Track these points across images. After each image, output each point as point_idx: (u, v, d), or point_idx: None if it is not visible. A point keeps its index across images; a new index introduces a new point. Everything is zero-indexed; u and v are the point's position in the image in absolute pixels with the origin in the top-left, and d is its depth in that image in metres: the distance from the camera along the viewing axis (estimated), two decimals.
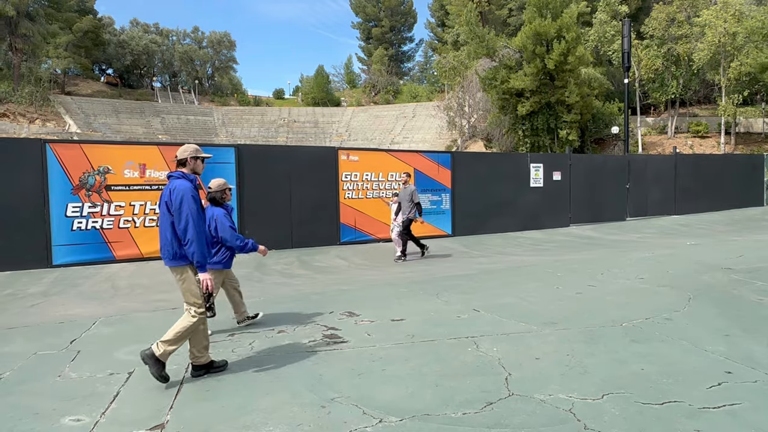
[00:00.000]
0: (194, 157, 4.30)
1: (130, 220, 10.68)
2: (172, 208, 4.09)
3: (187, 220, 4.05)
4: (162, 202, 4.21)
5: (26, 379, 4.34)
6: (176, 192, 4.09)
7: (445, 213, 14.50)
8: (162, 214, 4.21)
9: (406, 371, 4.42)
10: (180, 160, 4.28)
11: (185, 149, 4.32)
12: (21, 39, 43.39)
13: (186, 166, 4.29)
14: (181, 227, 4.06)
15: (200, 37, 63.87)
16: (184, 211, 4.06)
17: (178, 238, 4.11)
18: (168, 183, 4.23)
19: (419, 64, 72.02)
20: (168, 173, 4.31)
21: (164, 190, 4.21)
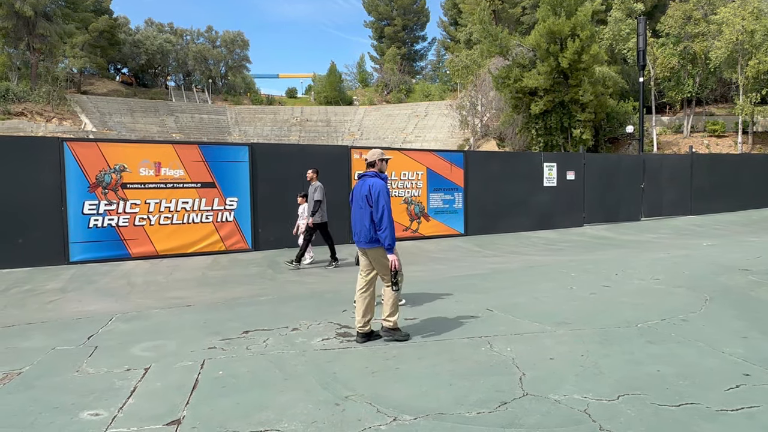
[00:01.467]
0: (381, 159, 5.28)
1: (145, 217, 10.79)
2: (371, 200, 4.97)
3: (382, 211, 4.93)
4: (360, 196, 5.11)
5: (45, 374, 4.41)
6: (374, 188, 4.98)
7: (458, 212, 14.46)
8: (358, 207, 5.13)
9: (420, 370, 4.42)
10: (370, 162, 5.28)
11: (373, 153, 5.30)
12: (38, 39, 43.99)
13: (375, 167, 5.25)
14: (378, 216, 4.94)
15: (214, 36, 64.31)
16: (380, 203, 4.94)
17: (374, 224, 4.95)
18: (361, 180, 5.20)
19: (431, 62, 71.95)
20: (360, 173, 5.43)
21: (360, 187, 5.15)
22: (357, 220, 5.16)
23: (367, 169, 5.29)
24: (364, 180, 5.18)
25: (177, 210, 11.04)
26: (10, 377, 4.36)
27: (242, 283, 8.57)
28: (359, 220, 5.12)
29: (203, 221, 11.34)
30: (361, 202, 5.09)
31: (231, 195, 11.60)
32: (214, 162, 11.44)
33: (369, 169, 5.28)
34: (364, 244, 5.10)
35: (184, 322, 6.10)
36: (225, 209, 11.55)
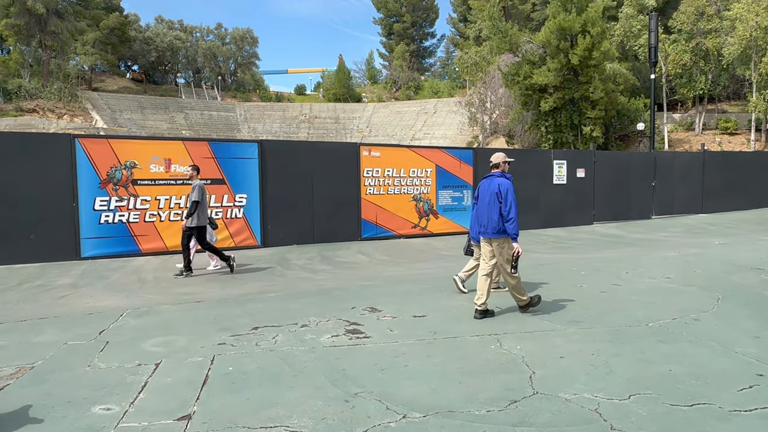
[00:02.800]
0: (504, 161, 6.11)
1: (155, 214, 10.85)
2: (500, 197, 5.79)
3: (510, 206, 5.76)
4: (487, 193, 5.97)
5: (58, 369, 4.45)
6: (503, 186, 5.83)
7: (467, 209, 14.41)
8: (485, 203, 5.96)
9: (429, 367, 4.42)
10: (494, 164, 6.11)
11: (498, 156, 6.13)
12: (50, 36, 44.32)
13: (499, 168, 6.08)
14: (506, 210, 5.76)
15: (223, 33, 64.44)
16: (509, 199, 5.77)
17: (502, 217, 5.76)
18: (488, 180, 6.06)
19: (441, 59, 71.59)
20: (487, 174, 6.16)
21: (488, 185, 6.02)
22: (484, 214, 6.00)
23: (492, 170, 6.14)
24: (491, 179, 6.03)
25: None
26: (23, 371, 4.40)
27: (251, 280, 8.60)
28: (486, 214, 5.95)
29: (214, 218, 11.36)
30: (489, 198, 5.94)
31: (240, 192, 11.63)
32: (224, 159, 11.48)
33: (494, 170, 6.12)
34: (490, 234, 5.93)
35: (194, 317, 6.13)
36: (234, 206, 11.59)
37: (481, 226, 6.07)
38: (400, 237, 13.43)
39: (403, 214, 13.54)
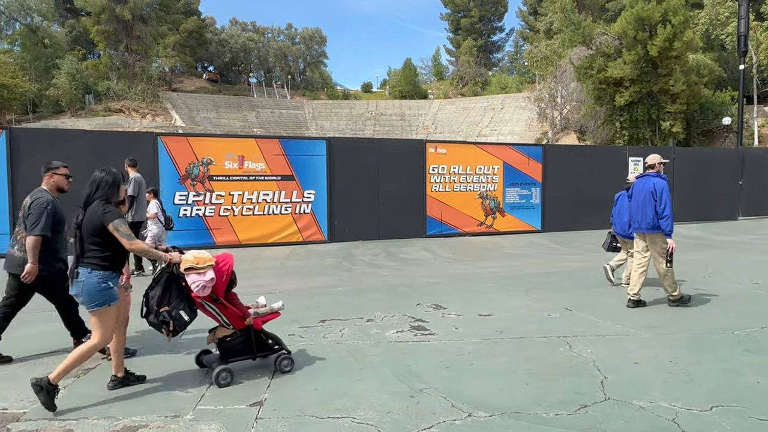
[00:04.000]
0: (660, 162, 6.38)
1: (229, 208, 11.35)
2: (656, 196, 6.09)
3: (665, 204, 6.04)
4: (643, 192, 6.25)
5: (142, 351, 4.77)
6: (659, 186, 6.12)
7: (535, 208, 14.06)
8: (641, 200, 6.26)
9: (495, 367, 4.36)
10: (650, 164, 6.41)
11: (654, 158, 6.41)
12: (135, 40, 47.36)
13: (654, 168, 6.35)
14: (660, 208, 6.05)
15: (293, 33, 66.29)
16: (664, 198, 6.05)
17: (657, 215, 6.08)
18: (644, 179, 6.36)
19: (509, 54, 70.13)
20: (642, 174, 6.49)
21: (643, 184, 6.30)
22: (639, 211, 6.32)
23: (647, 171, 6.46)
24: (646, 179, 6.34)
25: (258, 202, 11.52)
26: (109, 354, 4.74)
27: (319, 274, 8.82)
28: (641, 211, 6.28)
29: (282, 213, 11.76)
30: (644, 197, 6.25)
31: (309, 188, 11.94)
32: (293, 155, 11.82)
33: (649, 170, 6.42)
34: (645, 230, 6.26)
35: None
36: (303, 201, 11.92)
37: (636, 222, 6.42)
38: (466, 235, 13.30)
39: (469, 212, 13.40)
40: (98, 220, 3.73)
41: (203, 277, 3.88)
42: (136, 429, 3.29)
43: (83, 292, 3.70)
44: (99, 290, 3.70)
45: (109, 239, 3.74)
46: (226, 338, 4.21)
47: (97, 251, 3.73)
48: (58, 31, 50.95)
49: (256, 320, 4.27)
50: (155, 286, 3.92)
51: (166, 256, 3.90)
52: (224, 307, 4.12)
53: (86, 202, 3.83)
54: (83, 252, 3.76)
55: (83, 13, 49.04)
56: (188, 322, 3.93)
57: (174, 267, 3.92)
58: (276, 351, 4.32)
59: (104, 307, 3.72)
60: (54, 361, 4.52)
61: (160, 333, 3.92)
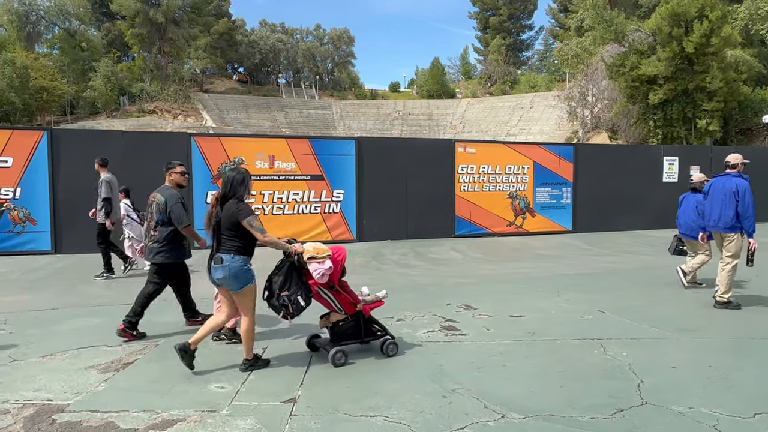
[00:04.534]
0: (742, 162, 6.32)
1: (259, 207, 11.50)
2: (738, 196, 6.08)
3: (748, 204, 6.05)
4: (723, 191, 6.23)
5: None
6: (741, 186, 6.12)
7: (566, 208, 13.85)
8: (719, 200, 6.27)
9: (528, 369, 4.32)
10: (732, 164, 6.33)
11: (735, 157, 6.37)
12: (168, 43, 48.38)
13: (736, 168, 6.30)
14: (742, 208, 6.04)
15: (322, 34, 66.71)
16: (746, 198, 6.06)
17: (737, 215, 6.10)
18: (725, 178, 6.32)
19: (538, 52, 69.11)
20: (722, 173, 6.43)
21: (723, 184, 6.25)
22: (716, 210, 6.32)
23: (727, 170, 6.38)
24: (728, 178, 6.30)
25: (288, 201, 11.65)
26: (149, 348, 4.87)
27: (348, 273, 8.83)
28: (720, 210, 6.28)
29: (312, 212, 11.87)
30: (723, 196, 6.24)
31: (338, 187, 12.01)
32: (323, 155, 11.91)
33: (730, 170, 6.36)
34: (722, 229, 6.28)
35: None
36: (332, 201, 11.99)
37: (712, 221, 6.40)
38: (495, 235, 13.19)
39: (498, 212, 13.28)
40: (234, 217, 4.22)
41: (323, 265, 4.31)
42: (174, 423, 3.37)
43: (229, 275, 4.23)
44: (243, 271, 4.27)
45: (244, 231, 4.25)
46: (338, 323, 4.58)
47: (236, 240, 4.26)
48: (94, 34, 52.40)
49: (365, 307, 4.62)
50: (278, 273, 4.44)
51: (292, 248, 4.39)
52: (338, 293, 4.52)
53: (222, 200, 4.33)
54: (220, 242, 4.28)
55: (118, 16, 50.31)
56: (304, 307, 4.37)
57: (296, 257, 4.38)
58: (381, 336, 4.69)
59: (247, 286, 4.31)
60: (93, 353, 4.66)
61: (279, 315, 4.40)
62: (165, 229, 5.27)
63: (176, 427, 3.30)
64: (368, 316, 4.65)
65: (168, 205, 5.23)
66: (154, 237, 5.29)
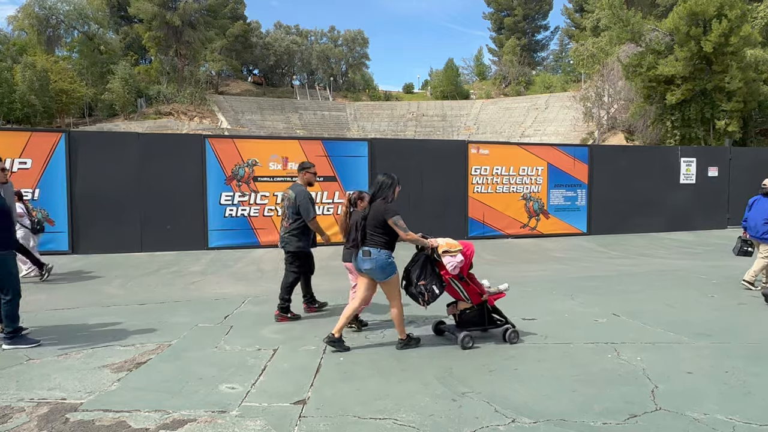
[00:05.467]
0: None
1: (273, 209, 11.56)
2: None
3: None
4: None
5: (190, 348, 4.91)
6: None
7: (581, 210, 13.71)
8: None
9: (540, 372, 4.28)
10: None
11: None
12: (184, 45, 48.89)
13: None
14: None
15: (336, 35, 66.93)
16: None
17: None
18: None
19: (554, 53, 68.56)
20: None
21: None
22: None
23: None
24: None
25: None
26: (162, 348, 4.91)
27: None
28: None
29: (325, 213, 11.88)
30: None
31: (350, 189, 12.00)
32: (336, 157, 11.93)
33: None
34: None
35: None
36: None
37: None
38: (508, 237, 13.10)
39: (512, 213, 13.19)
40: (381, 216, 4.73)
41: (455, 259, 4.78)
42: (185, 423, 3.39)
43: (376, 266, 4.72)
44: (387, 264, 4.74)
45: (389, 228, 4.74)
46: (465, 311, 5.09)
47: (381, 236, 4.75)
48: (112, 38, 53.14)
49: (490, 297, 5.08)
50: (414, 265, 4.91)
51: (429, 243, 4.87)
52: (467, 284, 4.98)
53: (372, 199, 4.89)
54: (365, 236, 4.80)
55: (136, 20, 50.96)
56: (438, 295, 4.85)
57: (431, 251, 4.86)
58: (502, 325, 5.11)
59: (392, 276, 4.78)
60: (107, 352, 4.72)
61: (417, 302, 4.87)
62: (295, 221, 5.95)
63: (187, 428, 3.32)
64: (492, 306, 5.10)
65: (297, 200, 5.89)
66: (287, 228, 6.00)
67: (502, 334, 5.05)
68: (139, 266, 9.38)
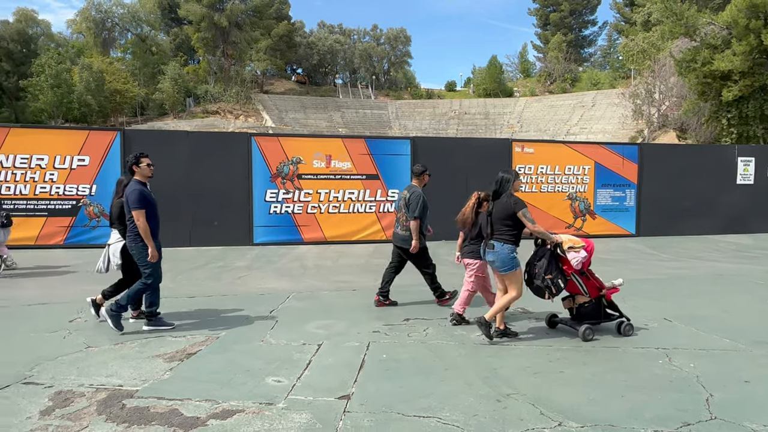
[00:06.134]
0: None
1: (316, 206, 11.72)
2: None
3: None
4: None
5: (238, 340, 5.05)
6: None
7: (629, 210, 13.30)
8: None
9: (587, 377, 4.18)
10: None
11: None
12: (231, 46, 50.15)
13: None
14: None
15: (378, 34, 67.11)
16: None
17: None
18: None
19: (601, 48, 66.61)
20: None
21: None
22: None
23: None
24: None
25: (344, 200, 11.81)
26: (211, 340, 5.07)
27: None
28: None
29: (367, 211, 11.97)
30: None
31: (392, 187, 12.05)
32: (378, 155, 11.99)
33: None
34: None
35: (350, 304, 6.53)
36: (387, 200, 12.05)
37: None
38: None
39: (557, 214, 12.93)
40: (509, 209, 4.91)
41: (579, 255, 5.01)
42: (234, 413, 3.49)
43: (498, 259, 4.96)
44: (510, 258, 4.94)
45: (516, 222, 4.91)
46: (583, 304, 5.24)
47: (508, 230, 4.93)
48: (163, 39, 55.08)
49: (608, 292, 5.24)
50: (540, 259, 5.04)
51: (555, 238, 5.03)
52: (587, 279, 5.18)
53: (494, 196, 5.09)
54: (493, 230, 5.03)
55: (185, 21, 52.58)
56: (563, 288, 5.03)
57: (556, 246, 5.02)
58: (616, 318, 5.27)
59: (514, 270, 4.96)
60: (159, 343, 4.90)
61: (540, 296, 5.04)
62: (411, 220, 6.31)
63: (236, 418, 3.42)
64: (609, 300, 5.24)
65: (411, 199, 6.34)
66: (405, 226, 6.41)
67: (617, 327, 5.22)
68: (188, 260, 9.69)
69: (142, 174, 5.44)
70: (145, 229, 5.20)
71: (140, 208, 5.18)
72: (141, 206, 5.18)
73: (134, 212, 5.18)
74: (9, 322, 5.68)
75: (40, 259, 9.65)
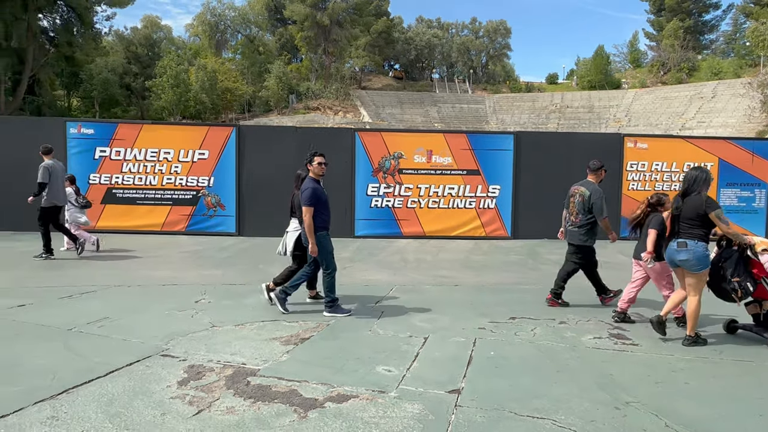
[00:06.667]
0: None
1: (416, 201, 11.82)
2: None
3: None
4: None
5: (347, 329, 5.24)
6: None
7: (758, 212, 12.07)
8: None
9: (716, 390, 3.88)
10: None
11: None
12: (332, 44, 51.76)
13: None
14: None
15: (477, 27, 66.07)
16: None
17: None
18: None
19: (725, 34, 60.73)
20: None
21: None
22: None
23: None
24: None
25: (444, 195, 11.80)
26: (321, 327, 5.30)
27: (504, 270, 8.73)
28: None
29: (466, 207, 11.87)
30: None
31: (494, 183, 11.85)
32: (480, 150, 11.83)
33: None
34: None
35: (453, 299, 6.53)
36: (487, 196, 11.87)
37: None
38: None
39: None
40: (701, 209, 4.80)
41: None
42: (349, 398, 3.63)
43: (693, 257, 4.81)
44: (705, 256, 4.82)
45: (707, 221, 4.81)
46: None
47: (698, 229, 4.82)
48: (269, 39, 58.05)
49: None
50: (727, 260, 4.91)
51: (748, 240, 4.91)
52: None
53: (684, 194, 4.97)
54: (680, 228, 4.92)
55: (290, 21, 55.02)
56: (751, 292, 4.82)
57: (746, 248, 4.87)
58: None
59: (705, 270, 4.85)
60: (275, 326, 5.20)
61: (726, 299, 4.92)
62: (585, 218, 6.27)
63: (351, 402, 3.56)
64: None
65: (591, 198, 6.23)
66: (576, 223, 6.35)
67: None
68: None
69: (314, 172, 5.87)
70: (310, 225, 5.59)
71: (310, 205, 5.58)
72: (311, 203, 5.58)
73: (304, 208, 5.60)
74: (148, 299, 6.30)
75: (166, 244, 10.60)
